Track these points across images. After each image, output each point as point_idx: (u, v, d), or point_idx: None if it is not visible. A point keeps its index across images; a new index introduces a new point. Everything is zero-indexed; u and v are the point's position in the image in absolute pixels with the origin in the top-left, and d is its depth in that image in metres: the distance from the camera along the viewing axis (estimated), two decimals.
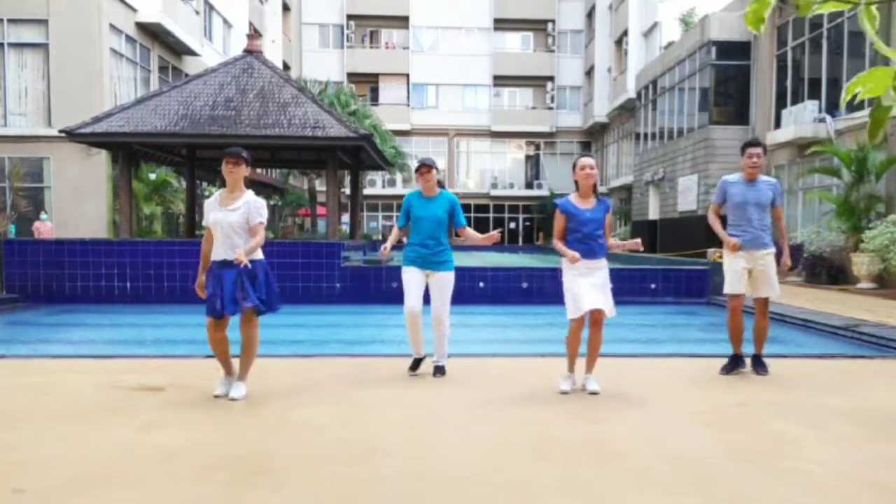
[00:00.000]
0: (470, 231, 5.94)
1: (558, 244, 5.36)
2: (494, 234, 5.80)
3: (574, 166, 5.40)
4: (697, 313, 11.24)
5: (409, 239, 5.87)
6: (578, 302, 5.18)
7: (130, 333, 9.49)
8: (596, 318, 5.30)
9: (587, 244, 5.26)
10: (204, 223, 5.15)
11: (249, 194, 5.07)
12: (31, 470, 3.53)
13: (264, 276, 5.03)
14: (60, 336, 9.16)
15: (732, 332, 6.05)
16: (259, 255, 5.05)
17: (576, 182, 5.41)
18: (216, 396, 5.04)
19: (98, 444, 3.98)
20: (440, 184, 5.93)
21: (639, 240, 5.58)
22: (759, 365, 6.07)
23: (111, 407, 4.79)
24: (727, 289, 5.99)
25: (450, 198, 5.88)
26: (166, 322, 10.24)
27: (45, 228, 17.97)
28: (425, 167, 5.80)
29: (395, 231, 6.00)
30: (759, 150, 5.94)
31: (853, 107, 17.13)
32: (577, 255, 5.17)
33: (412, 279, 5.76)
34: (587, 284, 5.21)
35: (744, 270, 5.90)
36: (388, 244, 5.93)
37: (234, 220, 4.94)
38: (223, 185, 5.17)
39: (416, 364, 5.95)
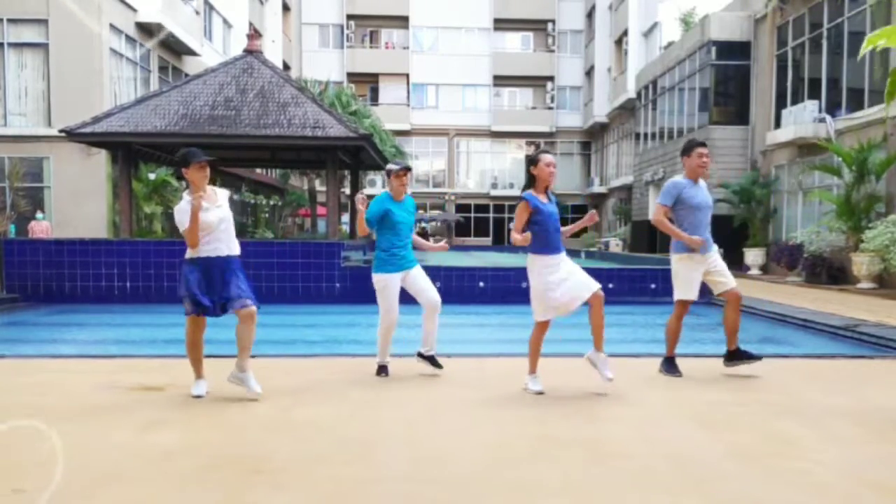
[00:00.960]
0: (417, 238, 6.02)
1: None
2: (444, 244, 6.07)
3: (535, 161, 5.22)
4: (697, 313, 11.22)
5: (385, 243, 5.73)
6: (566, 305, 5.09)
7: (130, 333, 9.49)
8: (595, 295, 5.12)
9: (555, 238, 5.22)
10: (189, 222, 4.80)
11: (222, 191, 5.18)
12: (31, 470, 3.53)
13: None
14: (60, 336, 9.16)
15: (673, 335, 5.99)
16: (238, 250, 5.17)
17: (532, 176, 5.23)
18: (195, 396, 5.02)
19: (98, 443, 3.98)
20: None
21: (594, 211, 5.59)
22: (746, 356, 5.93)
23: (111, 407, 4.79)
24: (680, 295, 5.88)
25: (412, 201, 5.98)
26: (166, 322, 10.22)
27: (40, 228, 17.92)
28: (405, 171, 5.83)
29: (364, 227, 5.73)
30: (707, 149, 5.87)
31: (853, 107, 17.15)
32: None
33: (395, 289, 5.73)
34: (563, 281, 5.10)
35: (698, 276, 5.85)
36: (363, 207, 5.65)
37: (230, 216, 5.11)
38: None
39: (383, 370, 5.89)
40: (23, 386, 5.50)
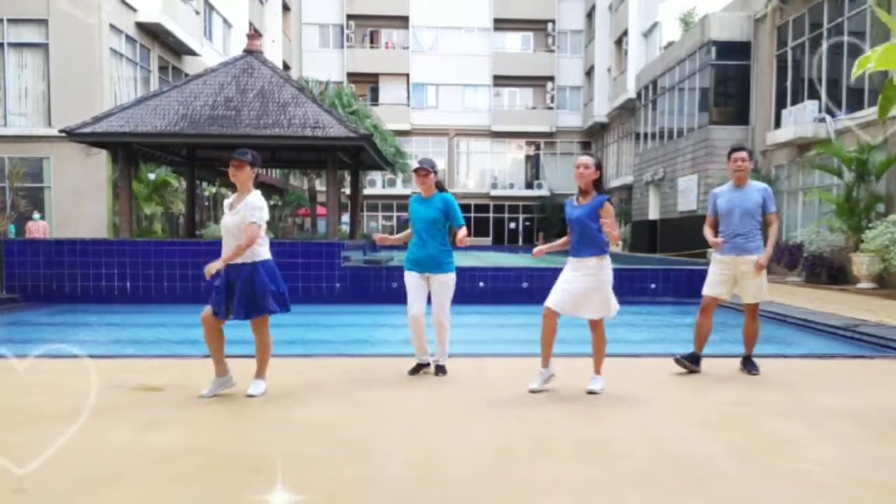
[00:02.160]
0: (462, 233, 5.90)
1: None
2: (466, 240, 5.75)
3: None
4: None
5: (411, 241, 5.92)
6: (550, 295, 5.22)
7: (130, 333, 9.49)
8: (590, 321, 5.30)
9: (573, 240, 5.29)
10: None
11: (251, 195, 4.99)
12: (32, 470, 3.53)
13: (263, 278, 4.99)
14: (60, 336, 9.15)
15: (698, 330, 6.08)
16: (264, 254, 5.05)
17: None
18: (201, 396, 5.02)
19: (98, 444, 3.98)
20: (439, 185, 5.84)
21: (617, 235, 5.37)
22: (749, 365, 6.11)
23: (111, 407, 4.79)
24: (704, 289, 6.08)
25: (443, 198, 5.75)
26: (166, 322, 10.24)
27: (37, 228, 17.91)
28: (422, 170, 5.73)
29: (407, 231, 6.02)
30: (743, 153, 5.96)
31: (853, 107, 17.15)
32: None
33: (413, 284, 5.76)
34: (565, 283, 5.20)
35: (725, 277, 5.97)
36: (387, 235, 6.07)
37: (235, 223, 4.93)
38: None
39: (417, 368, 5.89)
40: (22, 386, 5.50)
